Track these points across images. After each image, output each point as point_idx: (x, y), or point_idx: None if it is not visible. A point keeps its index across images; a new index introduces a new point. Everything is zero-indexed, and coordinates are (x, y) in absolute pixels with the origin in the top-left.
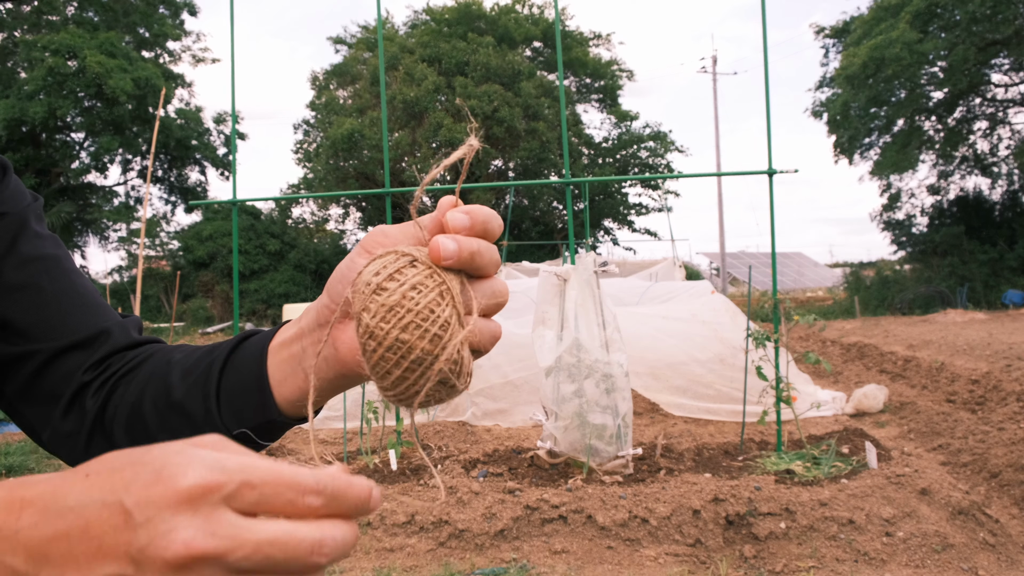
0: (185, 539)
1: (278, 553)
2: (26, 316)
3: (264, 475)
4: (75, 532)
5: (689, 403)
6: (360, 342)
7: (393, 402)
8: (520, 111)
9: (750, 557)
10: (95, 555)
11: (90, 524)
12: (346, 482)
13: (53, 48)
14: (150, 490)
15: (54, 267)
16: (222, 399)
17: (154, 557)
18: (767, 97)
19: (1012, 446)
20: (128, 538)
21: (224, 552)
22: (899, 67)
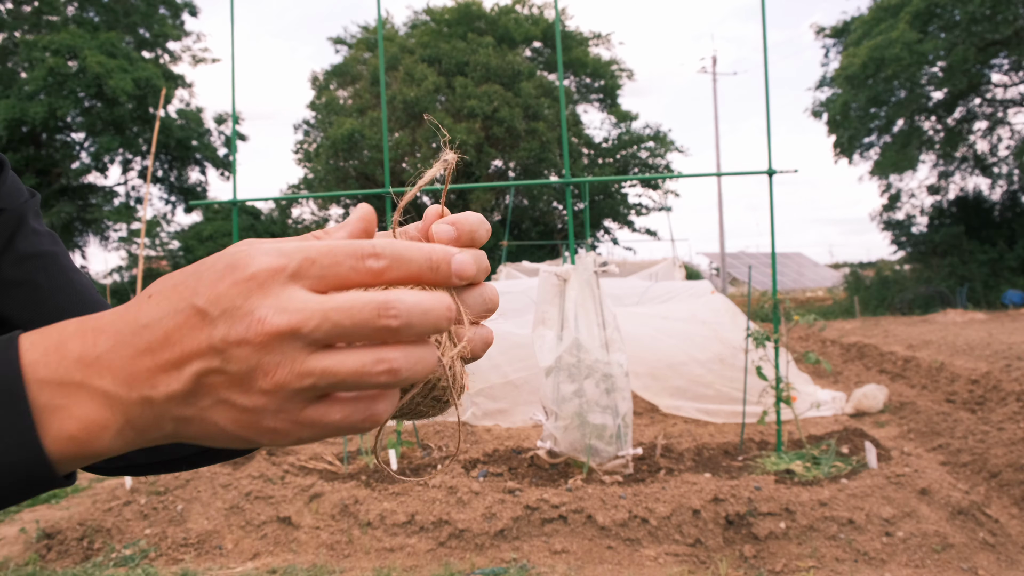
0: (260, 318)
1: (345, 319)
2: (24, 313)
3: (321, 248)
4: (156, 344)
5: (688, 404)
6: None
7: None
8: (520, 111)
9: (750, 557)
10: (181, 359)
11: (169, 333)
12: (407, 245)
13: (53, 48)
14: (218, 286)
15: (51, 264)
16: None
17: (236, 341)
18: (767, 97)
19: (1012, 446)
20: (208, 333)
21: (299, 324)
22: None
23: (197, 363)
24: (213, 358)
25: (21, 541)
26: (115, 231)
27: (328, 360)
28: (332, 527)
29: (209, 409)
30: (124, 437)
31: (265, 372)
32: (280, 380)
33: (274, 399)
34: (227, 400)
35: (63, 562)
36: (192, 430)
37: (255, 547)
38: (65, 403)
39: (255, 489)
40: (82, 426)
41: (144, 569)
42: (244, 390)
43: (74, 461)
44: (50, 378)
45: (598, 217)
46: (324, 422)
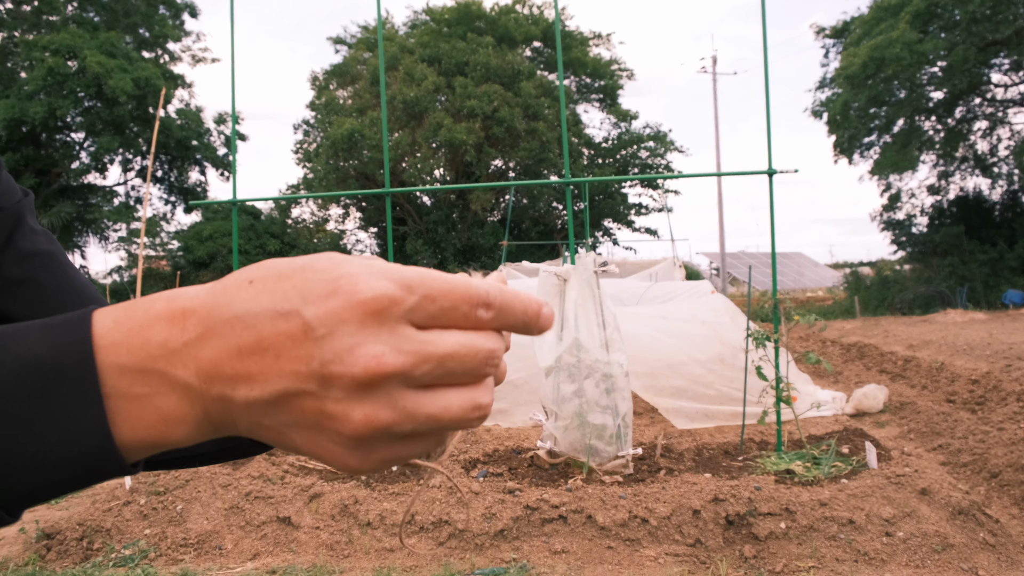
0: (376, 354)
1: (457, 366)
2: (25, 311)
3: (443, 287)
4: (246, 345)
5: (688, 405)
6: None
7: None
8: (520, 111)
9: (750, 557)
10: (272, 371)
11: (263, 336)
12: (512, 295)
13: (53, 48)
14: (329, 301)
15: (51, 262)
16: None
17: (341, 374)
18: (767, 97)
19: (1012, 446)
20: (309, 352)
21: (411, 368)
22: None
23: (289, 381)
24: (309, 381)
25: (20, 541)
26: (115, 231)
27: (433, 406)
28: (332, 527)
29: (289, 428)
30: (200, 430)
31: (363, 411)
32: (379, 424)
33: (365, 438)
34: (313, 425)
35: (63, 562)
36: (266, 436)
37: (255, 547)
38: (144, 392)
39: (255, 489)
40: (160, 418)
41: (144, 569)
42: (334, 422)
43: (144, 451)
44: (131, 364)
45: (598, 217)
46: (400, 457)
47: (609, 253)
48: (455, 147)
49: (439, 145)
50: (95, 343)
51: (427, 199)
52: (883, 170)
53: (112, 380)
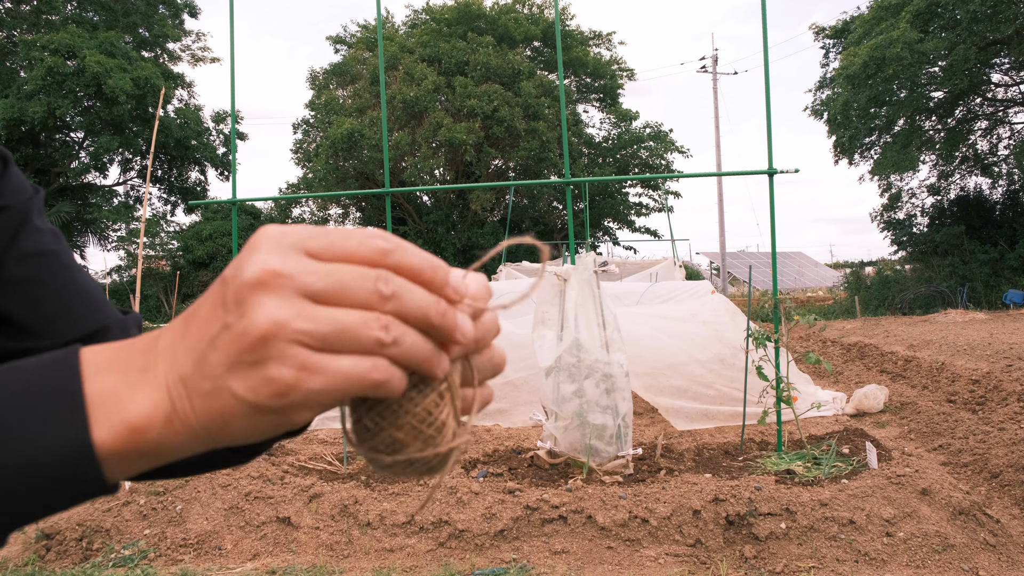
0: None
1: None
2: (27, 311)
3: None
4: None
5: (688, 405)
6: (352, 425)
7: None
8: (520, 111)
9: (750, 557)
10: (206, 338)
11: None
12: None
13: (52, 48)
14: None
15: (55, 262)
16: None
17: (236, 284)
18: (767, 97)
19: (1013, 446)
20: (221, 291)
21: (294, 273)
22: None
23: (216, 322)
24: (225, 312)
25: (20, 541)
26: (114, 231)
27: (324, 311)
28: (332, 527)
29: (225, 376)
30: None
31: (265, 321)
32: (280, 318)
33: (275, 344)
34: (234, 362)
35: (62, 562)
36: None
37: (254, 547)
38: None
39: (255, 489)
40: (139, 413)
41: (143, 569)
42: (242, 338)
43: (125, 457)
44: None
45: (598, 217)
46: (331, 368)
47: (609, 253)
48: (455, 147)
49: (439, 145)
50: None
51: (427, 199)
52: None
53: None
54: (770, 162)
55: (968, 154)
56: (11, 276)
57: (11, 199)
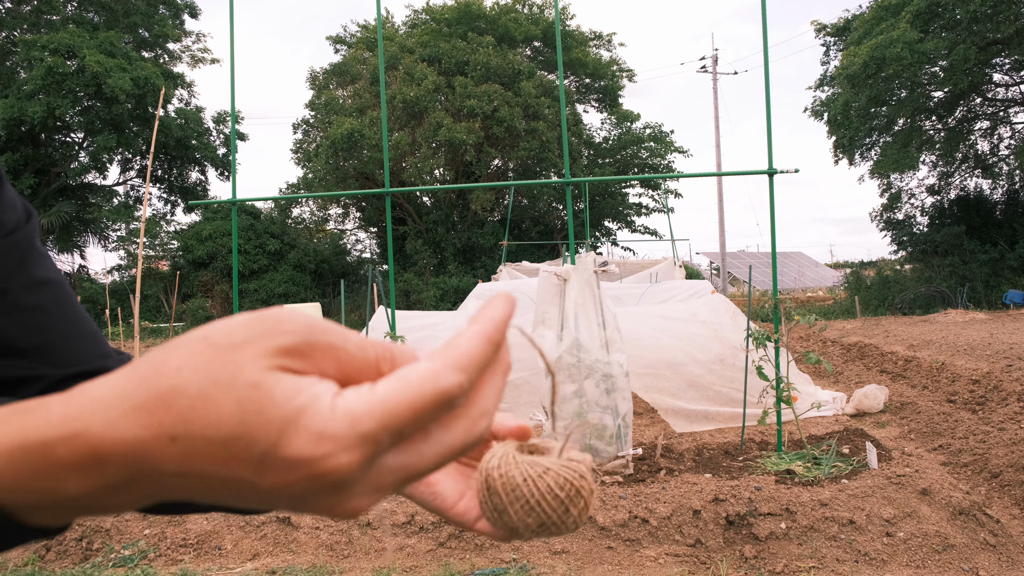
0: (353, 508)
1: None
2: (30, 339)
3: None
4: (196, 490)
5: (688, 406)
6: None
7: None
8: (520, 111)
9: (750, 557)
10: (241, 500)
11: (215, 487)
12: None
13: (52, 47)
14: (284, 474)
15: (59, 291)
16: None
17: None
18: (767, 97)
19: (1013, 446)
20: (274, 496)
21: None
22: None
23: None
24: (283, 506)
25: None
26: (114, 231)
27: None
28: (331, 527)
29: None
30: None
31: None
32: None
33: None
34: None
35: (62, 562)
36: None
37: (254, 547)
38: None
39: None
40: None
41: (143, 569)
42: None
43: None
44: (40, 504)
45: (598, 217)
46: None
47: (609, 253)
48: (455, 147)
49: (439, 145)
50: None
51: (427, 199)
52: (883, 170)
53: (21, 509)
54: (770, 162)
55: (968, 154)
56: (20, 304)
57: (7, 215)
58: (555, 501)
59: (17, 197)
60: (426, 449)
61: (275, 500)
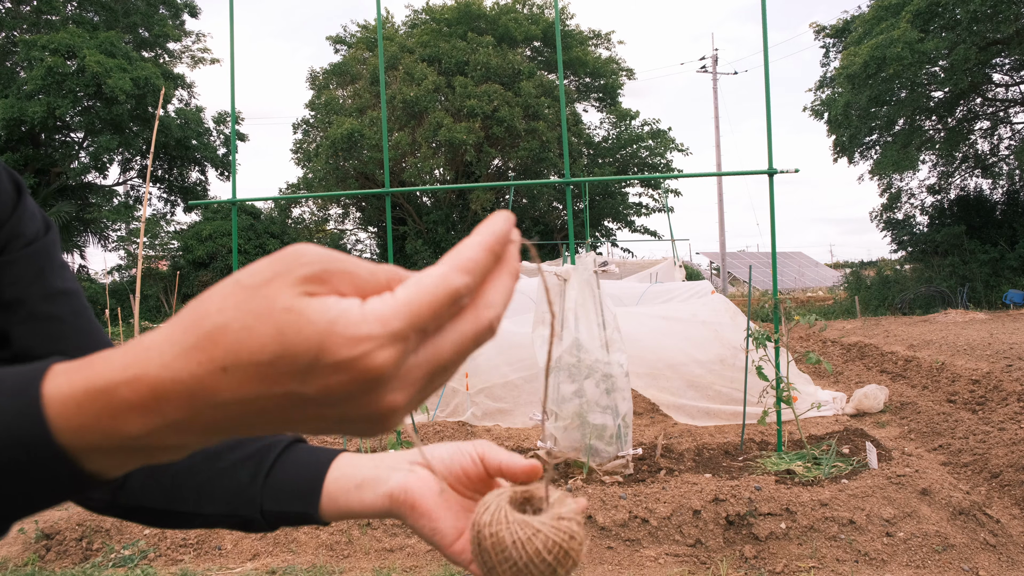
0: (391, 404)
1: None
2: (45, 348)
3: (427, 310)
4: (250, 416)
5: (689, 404)
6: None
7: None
8: (520, 111)
9: (750, 557)
10: (288, 423)
11: (267, 410)
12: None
13: (52, 47)
14: (328, 377)
15: (76, 302)
16: (271, 480)
17: (357, 420)
18: (767, 97)
19: (1013, 446)
20: (322, 413)
21: (423, 385)
22: (900, 66)
23: (308, 427)
24: (328, 422)
25: (20, 541)
26: (114, 231)
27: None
28: (331, 527)
29: (315, 428)
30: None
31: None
32: (402, 404)
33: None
34: (342, 426)
35: (62, 562)
36: None
37: (254, 547)
38: (126, 454)
39: None
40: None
41: (143, 569)
42: (359, 424)
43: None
44: (107, 446)
45: (598, 217)
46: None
47: (608, 253)
48: (455, 147)
49: (439, 145)
50: (52, 427)
51: (427, 199)
52: (883, 170)
53: (84, 451)
54: (770, 162)
55: (968, 154)
56: (38, 313)
57: (27, 227)
58: (543, 564)
59: (37, 209)
60: (443, 342)
61: (321, 413)
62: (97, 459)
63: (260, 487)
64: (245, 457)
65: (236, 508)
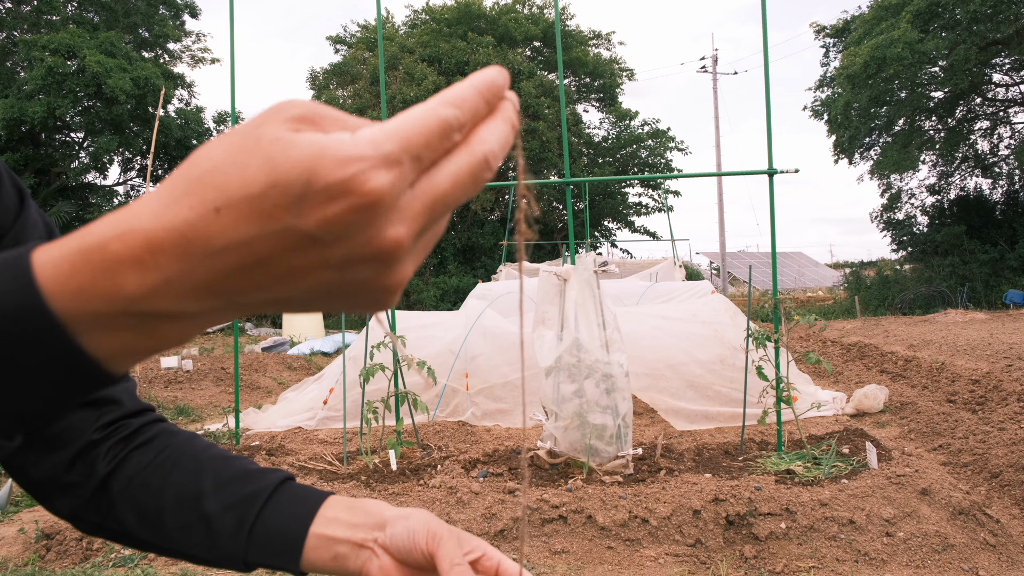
0: (395, 237)
1: None
2: None
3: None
4: (247, 266)
5: (688, 406)
6: None
7: None
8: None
9: (750, 557)
10: (285, 281)
11: (264, 256)
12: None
13: (52, 48)
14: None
15: None
16: (255, 533)
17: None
18: (767, 97)
19: (1013, 446)
20: (324, 257)
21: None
22: (900, 67)
23: (309, 285)
24: (332, 275)
25: (20, 541)
26: None
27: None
28: None
29: (313, 303)
30: (203, 329)
31: (398, 274)
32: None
33: (406, 260)
34: (343, 295)
35: (62, 562)
36: (288, 310)
37: None
38: (128, 327)
39: None
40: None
41: (143, 569)
42: (367, 286)
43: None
44: (107, 311)
45: (598, 217)
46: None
47: (608, 254)
48: None
49: None
50: (44, 291)
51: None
52: (883, 170)
53: (82, 324)
54: (770, 162)
55: (968, 154)
56: None
57: (30, 236)
58: None
59: (40, 215)
60: (440, 175)
61: (325, 259)
62: (96, 335)
63: (245, 539)
64: (230, 505)
65: (220, 556)
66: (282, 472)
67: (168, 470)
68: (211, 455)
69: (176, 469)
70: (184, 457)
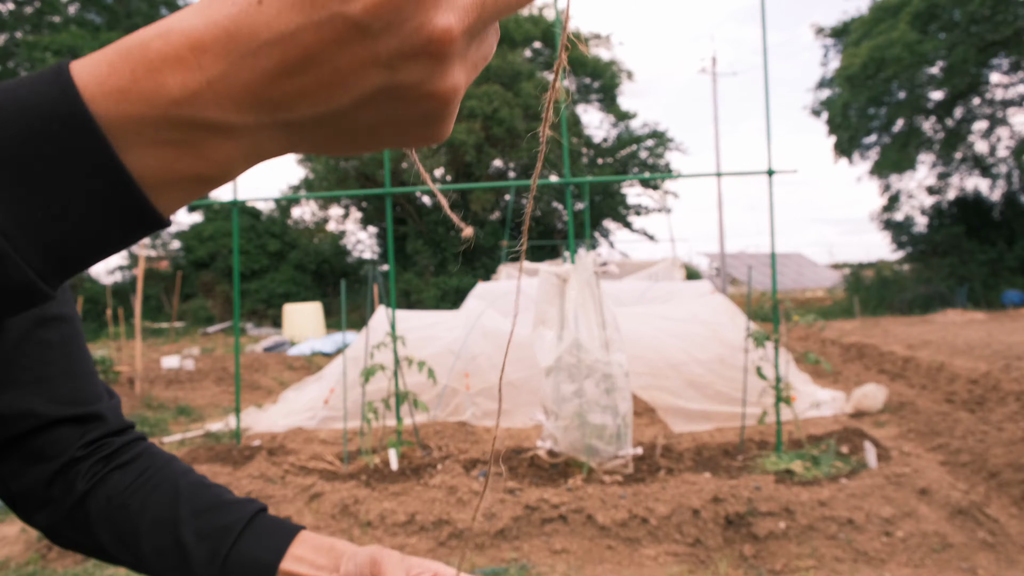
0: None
1: None
2: (33, 372)
3: None
4: (292, 63)
5: (688, 406)
6: None
7: None
8: (520, 111)
9: (750, 556)
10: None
11: (308, 50)
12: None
13: (55, 49)
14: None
15: (69, 328)
16: (228, 564)
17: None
18: (767, 97)
19: (1011, 446)
20: (372, 51)
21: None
22: (899, 67)
23: (357, 88)
24: (380, 79)
25: (22, 541)
26: None
27: None
28: (332, 527)
29: (366, 130)
30: (248, 162)
31: (448, 82)
32: (462, 87)
33: (453, 102)
34: (395, 120)
35: (64, 562)
36: (336, 145)
37: None
38: (172, 139)
39: (255, 489)
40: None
41: None
42: (419, 104)
43: (177, 194)
44: (151, 115)
45: (598, 217)
46: None
47: (609, 254)
48: (455, 147)
49: (439, 145)
50: (82, 92)
51: (427, 199)
52: (883, 170)
53: (125, 133)
54: (769, 162)
55: (967, 155)
56: (31, 336)
57: None
58: None
59: None
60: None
61: (375, 54)
62: (138, 151)
63: (218, 570)
64: (205, 534)
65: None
66: (256, 503)
67: (147, 493)
68: (189, 481)
69: (155, 492)
70: (164, 483)
